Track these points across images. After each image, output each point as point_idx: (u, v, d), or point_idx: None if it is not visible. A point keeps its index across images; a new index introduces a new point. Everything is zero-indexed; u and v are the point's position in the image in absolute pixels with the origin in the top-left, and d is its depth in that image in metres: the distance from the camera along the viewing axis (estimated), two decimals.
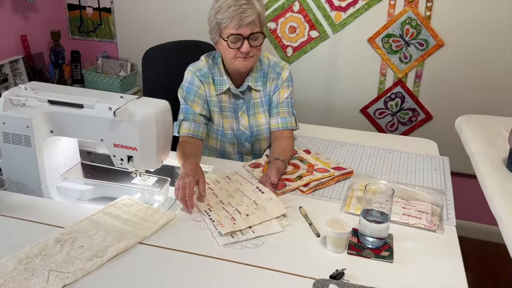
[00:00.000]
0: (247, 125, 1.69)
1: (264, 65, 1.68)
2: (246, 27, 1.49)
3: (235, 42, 1.51)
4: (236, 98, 1.66)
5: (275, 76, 1.67)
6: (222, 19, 1.49)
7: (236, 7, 1.47)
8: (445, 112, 2.32)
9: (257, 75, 1.66)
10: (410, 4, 2.20)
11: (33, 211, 1.30)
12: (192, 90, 1.63)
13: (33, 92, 1.39)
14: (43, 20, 2.63)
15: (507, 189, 1.16)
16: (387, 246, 1.17)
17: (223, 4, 1.49)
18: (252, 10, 1.48)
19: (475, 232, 2.54)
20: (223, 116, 1.67)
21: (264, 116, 1.69)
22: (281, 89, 1.67)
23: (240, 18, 1.47)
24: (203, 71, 1.64)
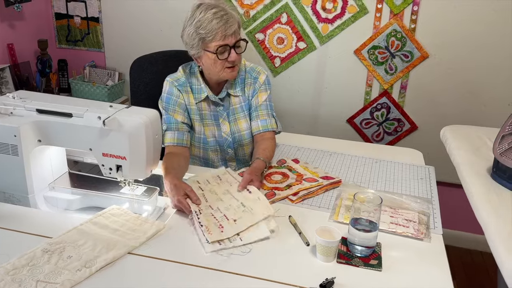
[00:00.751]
0: (228, 131, 1.70)
1: (241, 70, 1.70)
2: (231, 37, 1.52)
3: (223, 52, 1.53)
4: (216, 105, 1.68)
5: (252, 81, 1.69)
6: (207, 33, 1.51)
7: (218, 19, 1.50)
8: (429, 123, 2.36)
9: (235, 81, 1.68)
10: (395, 16, 2.25)
11: (20, 221, 1.28)
12: (171, 99, 1.64)
13: (21, 101, 1.38)
14: (30, 29, 2.61)
15: (492, 197, 1.19)
16: (375, 255, 1.19)
17: (202, 18, 1.51)
18: (232, 19, 1.53)
19: (460, 240, 2.57)
20: (204, 124, 1.69)
21: (245, 121, 1.71)
22: (259, 93, 1.70)
23: (224, 28, 1.50)
24: (180, 80, 1.67)
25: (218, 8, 1.52)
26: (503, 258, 0.97)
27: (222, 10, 1.52)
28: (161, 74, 1.92)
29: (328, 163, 1.72)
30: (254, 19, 2.43)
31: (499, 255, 0.99)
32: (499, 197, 1.19)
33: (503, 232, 1.04)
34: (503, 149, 1.24)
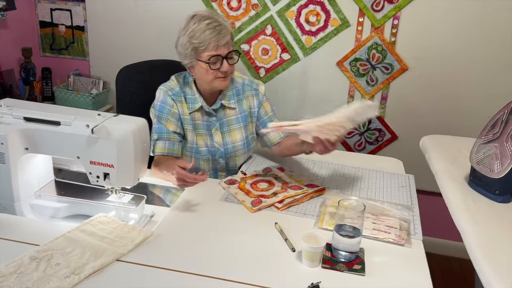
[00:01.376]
0: (221, 142, 1.73)
1: (237, 83, 1.75)
2: (224, 47, 1.56)
3: (215, 62, 1.57)
4: (209, 116, 1.71)
5: (253, 92, 1.76)
6: (200, 43, 1.55)
7: (211, 29, 1.54)
8: (409, 133, 2.43)
9: (229, 93, 1.72)
10: (376, 30, 2.32)
11: (6, 229, 1.28)
12: (165, 109, 1.66)
13: (8, 109, 1.38)
14: (14, 37, 2.60)
15: (470, 204, 1.24)
16: (359, 260, 1.22)
17: (195, 29, 1.55)
18: (225, 30, 1.57)
19: (439, 247, 2.64)
20: (197, 134, 1.71)
21: (240, 132, 1.74)
22: (264, 104, 1.77)
23: (217, 39, 1.54)
24: (175, 90, 1.69)
25: (212, 19, 1.56)
26: (481, 264, 1.01)
27: (216, 21, 1.56)
28: (147, 83, 1.94)
29: (313, 171, 1.76)
30: (239, 30, 2.47)
31: (477, 261, 1.03)
32: (476, 204, 1.25)
33: (481, 238, 1.09)
34: (479, 158, 1.30)
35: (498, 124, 1.28)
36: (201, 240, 1.28)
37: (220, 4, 2.44)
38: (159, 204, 1.57)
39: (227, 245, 1.27)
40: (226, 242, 1.28)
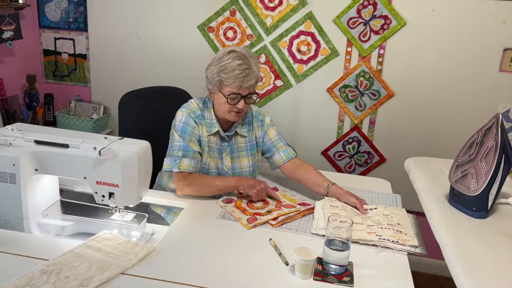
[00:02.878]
0: (229, 166, 1.82)
1: (248, 113, 1.87)
2: (246, 89, 1.68)
3: (234, 99, 1.68)
4: (222, 141, 1.81)
5: (259, 123, 1.88)
6: (226, 78, 1.66)
7: (240, 71, 1.65)
8: (396, 155, 2.55)
9: (244, 122, 1.84)
10: (363, 59, 2.47)
11: (17, 245, 1.35)
12: (187, 129, 1.75)
13: (19, 133, 1.47)
14: (20, 65, 2.72)
15: (449, 220, 1.34)
16: (348, 273, 1.31)
17: (227, 65, 1.66)
18: (252, 75, 1.68)
19: (426, 266, 2.72)
20: (210, 156, 1.80)
21: (247, 160, 1.85)
22: (268, 131, 1.88)
23: (242, 81, 1.66)
24: (196, 113, 1.78)
25: (245, 60, 1.67)
26: (458, 274, 1.10)
27: (247, 64, 1.67)
28: (148, 108, 2.05)
29: (304, 191, 1.85)
30: None
31: (456, 274, 1.11)
32: (456, 220, 1.34)
33: (460, 252, 1.18)
34: (457, 177, 1.41)
35: (473, 146, 1.40)
36: (200, 255, 1.37)
37: (217, 34, 2.59)
38: (159, 222, 1.66)
39: (224, 259, 1.35)
40: (223, 256, 1.37)
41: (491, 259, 1.15)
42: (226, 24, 2.56)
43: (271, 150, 1.88)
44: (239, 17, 2.53)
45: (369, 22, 2.41)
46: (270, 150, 1.88)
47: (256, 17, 2.51)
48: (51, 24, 2.79)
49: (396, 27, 2.38)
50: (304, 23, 2.47)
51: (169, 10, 2.61)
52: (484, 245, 1.21)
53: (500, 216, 1.37)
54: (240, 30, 2.55)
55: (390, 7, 2.36)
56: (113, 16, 2.69)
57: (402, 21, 2.36)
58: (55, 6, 2.75)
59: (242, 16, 2.52)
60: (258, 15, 2.51)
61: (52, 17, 2.78)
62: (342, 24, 2.43)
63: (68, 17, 2.75)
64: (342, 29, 2.44)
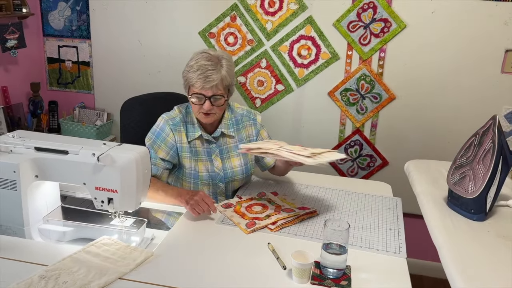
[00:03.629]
0: (220, 167, 1.83)
1: (236, 113, 1.88)
2: (209, 90, 1.67)
3: (199, 99, 1.70)
4: (209, 143, 1.82)
5: (251, 122, 1.90)
6: (191, 78, 1.69)
7: (203, 71, 1.66)
8: (399, 158, 2.53)
9: (229, 122, 1.84)
10: (364, 62, 2.47)
11: (17, 251, 1.37)
12: (161, 136, 1.78)
13: (20, 140, 1.49)
14: (24, 72, 2.75)
15: (447, 222, 1.34)
16: (346, 276, 1.31)
17: (194, 64, 1.69)
18: (216, 75, 1.66)
19: (431, 270, 2.69)
20: (198, 160, 1.81)
21: (239, 159, 1.86)
22: (261, 131, 1.92)
23: (204, 81, 1.65)
24: (175, 120, 1.80)
25: (213, 61, 1.67)
26: (454, 277, 1.10)
27: (213, 65, 1.67)
28: (150, 114, 2.06)
29: (305, 195, 1.86)
30: (236, 64, 2.62)
31: (451, 276, 1.11)
32: (454, 222, 1.34)
33: (455, 253, 1.17)
34: (455, 179, 1.40)
35: (471, 148, 1.39)
36: (198, 260, 1.37)
37: (218, 40, 2.60)
38: (159, 227, 1.66)
39: (223, 264, 1.35)
40: (222, 261, 1.37)
41: (488, 262, 1.14)
42: (227, 29, 2.58)
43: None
44: (239, 23, 2.55)
45: (369, 26, 2.41)
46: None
47: (257, 22, 2.53)
48: (55, 32, 2.83)
49: (397, 30, 2.37)
50: (304, 27, 2.48)
51: (171, 16, 2.63)
52: (481, 247, 1.21)
53: (499, 219, 1.36)
54: (241, 35, 2.56)
55: (390, 10, 2.36)
56: (115, 24, 2.72)
57: (402, 24, 2.36)
58: (59, 15, 2.79)
59: (243, 22, 2.54)
60: (258, 20, 2.52)
61: (55, 25, 2.82)
62: (342, 28, 2.44)
63: (71, 25, 2.79)
64: (342, 32, 2.44)
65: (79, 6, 2.74)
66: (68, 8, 2.76)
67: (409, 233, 1.89)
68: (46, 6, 2.79)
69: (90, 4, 2.72)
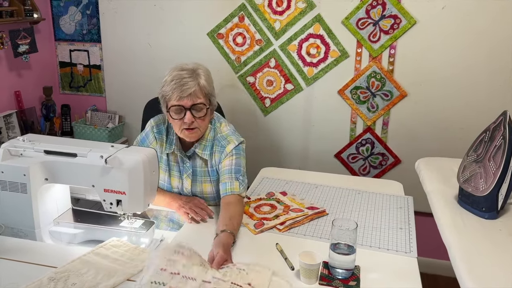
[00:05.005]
0: (189, 189, 1.72)
1: (216, 135, 1.70)
2: (187, 99, 1.55)
3: (179, 113, 1.58)
4: (182, 161, 1.71)
5: (219, 149, 1.68)
6: (166, 92, 1.58)
7: (178, 80, 1.55)
8: (411, 156, 2.48)
9: (207, 143, 1.68)
10: (374, 59, 2.44)
11: (27, 253, 1.39)
12: (145, 142, 1.74)
13: (30, 143, 1.52)
14: (36, 77, 2.80)
15: (457, 221, 1.31)
16: (354, 277, 1.29)
17: (168, 78, 1.59)
18: (193, 82, 1.56)
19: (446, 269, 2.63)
20: (170, 175, 1.74)
21: (210, 186, 1.72)
22: (223, 160, 1.67)
23: (180, 90, 1.54)
24: (160, 127, 1.73)
25: (187, 71, 1.57)
26: (463, 276, 1.07)
27: (189, 74, 1.56)
28: None
29: (314, 195, 1.84)
30: (245, 64, 2.62)
31: (460, 275, 1.09)
32: (464, 221, 1.31)
33: (464, 252, 1.15)
34: (466, 177, 1.37)
35: (481, 145, 1.36)
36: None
37: (226, 41, 2.60)
38: (168, 228, 1.67)
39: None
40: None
41: (499, 261, 1.11)
42: (235, 30, 2.57)
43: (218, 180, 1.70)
44: (247, 23, 2.54)
45: (379, 22, 2.38)
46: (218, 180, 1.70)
47: (265, 22, 2.52)
48: (66, 37, 2.87)
49: (406, 26, 2.34)
50: (312, 26, 2.46)
51: (179, 18, 2.64)
52: (492, 246, 1.18)
53: None
54: (249, 35, 2.56)
55: (399, 6, 2.32)
56: (125, 27, 2.74)
57: (412, 20, 2.33)
58: (69, 19, 2.82)
59: (251, 22, 2.53)
60: (266, 20, 2.51)
61: (66, 29, 2.85)
62: (351, 25, 2.41)
63: (82, 29, 2.82)
64: (351, 30, 2.42)
65: (89, 10, 2.77)
66: (78, 13, 2.80)
67: (423, 232, 1.86)
68: (57, 11, 2.83)
69: (100, 8, 2.74)
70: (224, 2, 2.54)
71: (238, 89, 2.66)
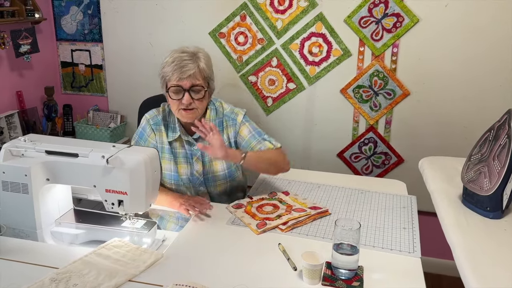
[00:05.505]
0: (201, 171, 1.75)
1: (220, 113, 1.78)
2: (187, 80, 1.61)
3: (177, 93, 1.63)
4: (190, 145, 1.74)
5: (231, 123, 1.77)
6: (166, 72, 1.63)
7: (178, 61, 1.61)
8: (414, 155, 2.47)
9: (212, 123, 1.70)
10: (376, 58, 2.42)
11: (29, 254, 1.38)
12: (143, 136, 1.76)
13: (31, 144, 1.51)
14: (38, 77, 2.79)
15: (461, 221, 1.30)
16: (358, 277, 1.28)
17: (169, 59, 1.64)
18: (193, 64, 1.61)
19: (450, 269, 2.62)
20: (177, 162, 1.75)
21: (221, 163, 1.76)
22: (240, 131, 1.76)
23: (180, 71, 1.60)
24: (156, 119, 1.76)
25: (187, 54, 1.63)
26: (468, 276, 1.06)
27: (189, 56, 1.62)
28: None
29: (317, 195, 1.83)
30: (246, 63, 2.61)
31: (464, 275, 1.07)
32: (468, 220, 1.30)
33: (470, 252, 1.14)
34: (470, 176, 1.36)
35: (486, 144, 1.35)
36: (208, 261, 1.36)
37: (228, 40, 2.59)
38: (170, 228, 1.66)
39: (233, 265, 1.34)
40: (232, 262, 1.36)
41: (504, 261, 1.10)
42: (237, 29, 2.56)
43: (247, 150, 1.75)
44: (249, 22, 2.53)
45: (381, 21, 2.36)
46: (246, 149, 1.75)
47: (267, 21, 2.51)
48: (68, 37, 2.86)
49: (409, 24, 2.33)
50: (314, 24, 2.45)
51: (181, 18, 2.63)
52: (497, 246, 1.17)
53: None
54: (251, 34, 2.55)
55: (402, 5, 2.31)
56: (126, 27, 2.73)
57: (415, 18, 2.31)
58: (71, 19, 2.82)
59: (253, 21, 2.52)
60: (268, 19, 2.50)
61: (68, 29, 2.85)
62: (354, 24, 2.40)
63: (84, 29, 2.82)
64: (354, 29, 2.40)
65: (91, 10, 2.76)
66: (80, 12, 2.79)
67: (428, 232, 1.85)
68: (59, 11, 2.83)
69: (101, 8, 2.74)
70: (226, 1, 2.53)
71: (240, 88, 2.65)
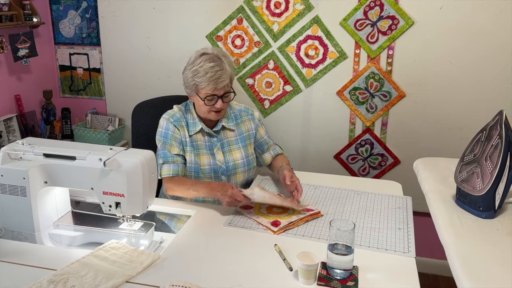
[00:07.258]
0: (222, 160, 1.88)
1: (234, 109, 1.97)
2: (221, 89, 1.76)
3: (211, 100, 1.77)
4: (210, 137, 1.89)
5: (250, 117, 1.98)
6: (200, 82, 1.75)
7: (213, 73, 1.73)
8: (411, 157, 2.49)
9: (228, 116, 1.92)
10: (372, 60, 2.44)
11: (27, 256, 1.40)
12: (168, 134, 1.84)
13: (29, 147, 1.52)
14: (36, 80, 2.81)
15: (455, 220, 1.31)
16: (352, 277, 1.29)
17: (199, 69, 1.75)
18: (225, 75, 1.75)
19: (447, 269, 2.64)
20: (199, 154, 1.86)
21: (240, 152, 1.92)
22: (259, 128, 1.99)
23: (216, 82, 1.74)
24: (176, 116, 1.87)
25: (216, 62, 1.75)
26: (460, 276, 1.07)
27: (219, 65, 1.74)
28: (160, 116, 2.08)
29: (313, 196, 1.84)
30: (244, 66, 2.63)
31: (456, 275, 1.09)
32: (462, 220, 1.31)
33: (462, 252, 1.15)
34: (463, 177, 1.37)
35: (478, 145, 1.36)
36: (205, 262, 1.38)
37: (225, 43, 2.61)
38: (167, 230, 1.68)
39: (230, 266, 1.36)
40: (228, 262, 1.37)
41: (496, 260, 1.11)
42: (233, 32, 2.58)
43: (262, 148, 1.99)
44: (246, 25, 2.55)
45: (377, 23, 2.38)
46: (261, 148, 1.99)
47: (263, 24, 2.53)
48: (66, 40, 2.88)
49: (404, 27, 2.35)
50: (311, 27, 2.47)
51: (178, 21, 2.65)
52: (490, 245, 1.18)
53: (510, 216, 1.33)
54: (248, 37, 2.57)
55: (397, 7, 2.33)
56: (124, 30, 2.75)
57: (410, 20, 2.33)
58: (69, 23, 2.84)
59: (249, 24, 2.54)
60: (265, 22, 2.52)
61: (66, 33, 2.87)
62: (349, 27, 2.42)
63: (82, 32, 2.84)
64: (350, 31, 2.43)
65: (89, 14, 2.78)
66: (78, 16, 2.81)
67: (425, 232, 1.87)
68: (57, 15, 2.85)
69: (99, 12, 2.76)
70: (223, 4, 2.56)
71: (237, 91, 2.65)
